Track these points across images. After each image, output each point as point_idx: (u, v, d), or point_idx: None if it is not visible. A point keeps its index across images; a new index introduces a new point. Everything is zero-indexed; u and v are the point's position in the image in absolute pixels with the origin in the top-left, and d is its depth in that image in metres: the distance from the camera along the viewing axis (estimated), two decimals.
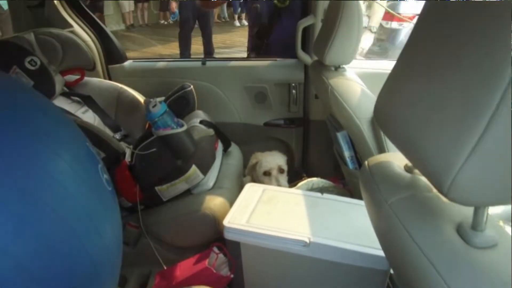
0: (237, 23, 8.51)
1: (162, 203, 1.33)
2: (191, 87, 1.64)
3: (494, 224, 0.46)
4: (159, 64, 2.06)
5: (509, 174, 0.36)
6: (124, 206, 1.33)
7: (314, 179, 1.55)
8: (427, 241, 0.46)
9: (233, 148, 1.69)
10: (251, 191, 1.26)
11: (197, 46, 5.71)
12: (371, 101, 1.23)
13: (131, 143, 1.58)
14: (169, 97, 1.63)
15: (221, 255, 1.17)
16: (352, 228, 1.05)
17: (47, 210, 0.49)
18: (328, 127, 1.53)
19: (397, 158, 0.60)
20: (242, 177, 1.67)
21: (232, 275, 1.16)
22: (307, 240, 1.01)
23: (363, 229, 1.00)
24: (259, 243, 1.07)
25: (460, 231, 0.45)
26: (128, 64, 2.06)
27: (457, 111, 0.38)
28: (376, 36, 4.85)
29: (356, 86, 1.32)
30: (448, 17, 0.43)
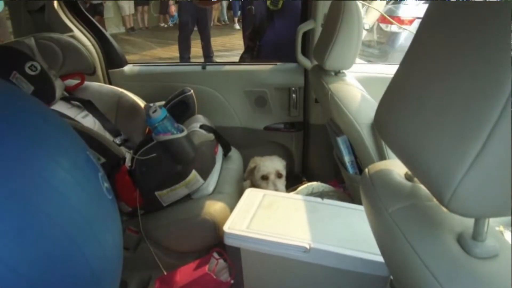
0: (237, 26, 8.54)
1: (162, 208, 1.33)
2: (191, 91, 1.65)
3: (495, 234, 0.46)
4: (159, 69, 2.06)
5: (509, 186, 0.36)
6: (124, 211, 1.33)
7: (314, 183, 1.55)
8: (428, 251, 0.46)
9: (233, 153, 1.68)
10: (251, 196, 1.25)
11: (197, 49, 5.73)
12: (371, 106, 1.23)
13: (131, 148, 1.58)
14: (169, 102, 1.64)
15: (221, 261, 1.17)
16: (353, 233, 1.05)
17: (46, 219, 0.49)
18: (328, 131, 1.53)
19: (397, 166, 0.60)
20: (242, 181, 1.66)
21: (232, 281, 1.16)
22: (308, 246, 1.01)
23: (364, 234, 1.00)
24: (259, 249, 1.06)
25: (460, 241, 0.45)
26: (128, 68, 2.06)
27: (457, 123, 0.38)
28: (373, 36, 4.83)
29: (356, 91, 1.33)
30: (448, 28, 0.43)
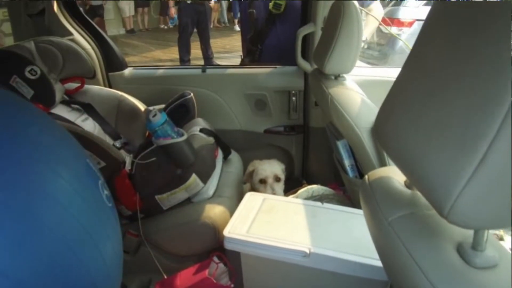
0: (237, 27, 8.54)
1: (162, 211, 1.33)
2: (191, 94, 1.65)
3: (495, 243, 0.46)
4: (159, 72, 2.06)
5: (509, 198, 0.36)
6: (124, 215, 1.33)
7: (314, 186, 1.55)
8: (427, 260, 0.46)
9: (233, 156, 1.68)
10: (251, 200, 1.25)
11: (197, 51, 5.74)
12: (371, 111, 1.23)
13: (131, 151, 1.58)
14: (169, 105, 1.64)
15: (221, 265, 1.17)
16: (352, 238, 1.05)
17: (46, 230, 0.49)
18: (328, 134, 1.53)
19: (397, 173, 0.60)
20: (242, 184, 1.66)
21: (232, 285, 1.16)
22: (307, 251, 1.01)
23: (363, 239, 1.00)
24: (259, 253, 1.06)
25: (460, 251, 0.45)
26: (128, 71, 2.06)
27: (457, 134, 0.38)
28: (373, 38, 4.83)
29: (356, 95, 1.33)
30: (449, 36, 0.43)
